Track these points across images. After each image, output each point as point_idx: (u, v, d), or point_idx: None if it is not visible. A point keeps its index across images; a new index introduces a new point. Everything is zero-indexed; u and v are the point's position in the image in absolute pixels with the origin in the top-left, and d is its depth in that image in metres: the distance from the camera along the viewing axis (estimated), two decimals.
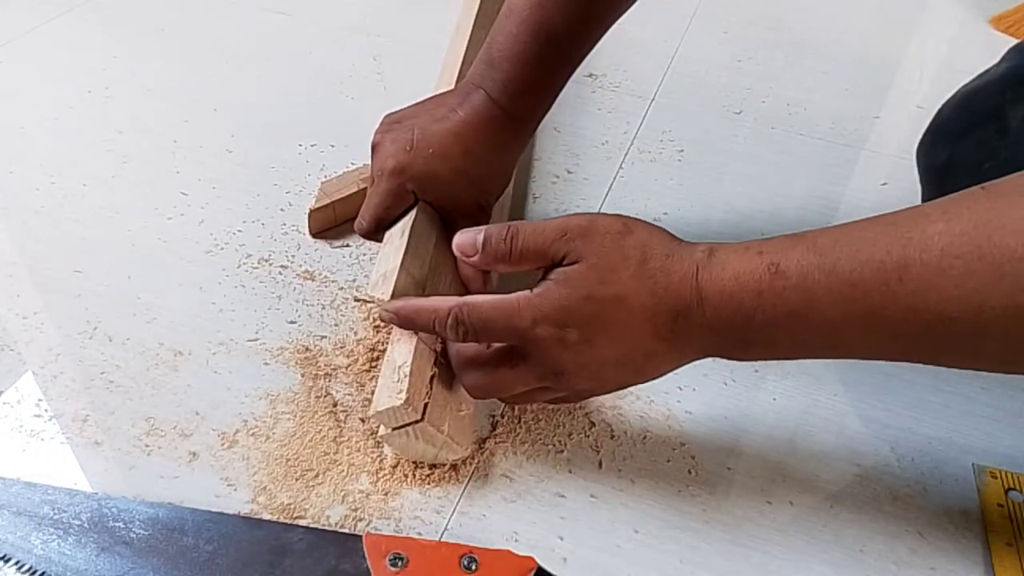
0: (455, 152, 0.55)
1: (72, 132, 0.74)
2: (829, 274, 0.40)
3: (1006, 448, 0.53)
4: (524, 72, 0.55)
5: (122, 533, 0.44)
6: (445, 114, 0.56)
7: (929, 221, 0.39)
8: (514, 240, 0.45)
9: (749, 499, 0.49)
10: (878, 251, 0.39)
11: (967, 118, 0.59)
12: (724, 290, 0.42)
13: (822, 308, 0.40)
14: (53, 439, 0.50)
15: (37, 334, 0.56)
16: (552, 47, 0.55)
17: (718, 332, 0.43)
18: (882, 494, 0.50)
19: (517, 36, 0.55)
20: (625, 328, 0.43)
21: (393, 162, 0.55)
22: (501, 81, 0.55)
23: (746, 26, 0.97)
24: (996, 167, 0.54)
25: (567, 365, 0.44)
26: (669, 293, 0.43)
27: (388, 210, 0.56)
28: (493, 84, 0.56)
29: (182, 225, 0.65)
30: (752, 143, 0.78)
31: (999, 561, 0.46)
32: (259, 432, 0.51)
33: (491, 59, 0.56)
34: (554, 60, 0.56)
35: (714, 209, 0.70)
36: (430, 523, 0.47)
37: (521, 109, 0.56)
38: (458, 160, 0.55)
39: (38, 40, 0.87)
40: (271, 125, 0.76)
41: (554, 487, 0.49)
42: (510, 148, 0.59)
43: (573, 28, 0.55)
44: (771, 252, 0.42)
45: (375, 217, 0.57)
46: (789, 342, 0.42)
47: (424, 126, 0.56)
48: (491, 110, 0.56)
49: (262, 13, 0.93)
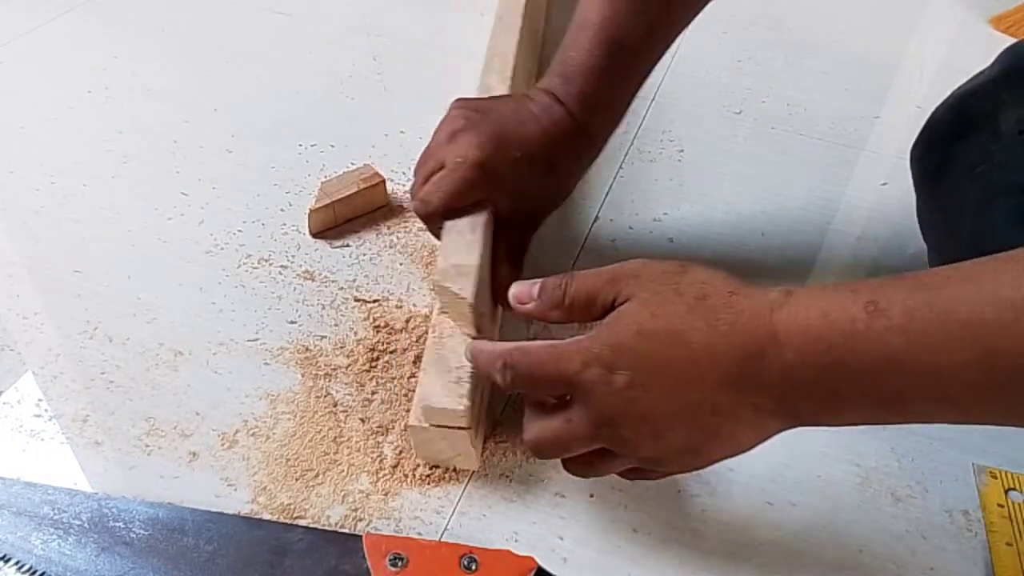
0: (540, 161, 0.54)
1: (72, 132, 0.74)
2: (942, 314, 0.35)
3: (1006, 448, 0.53)
4: (598, 86, 0.54)
5: (122, 533, 0.44)
6: (528, 119, 0.54)
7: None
8: (567, 286, 0.42)
9: (749, 499, 0.49)
10: (1002, 288, 0.34)
11: (960, 121, 0.58)
12: (810, 329, 0.36)
13: (932, 353, 0.35)
14: (53, 439, 0.50)
15: (37, 334, 0.56)
16: (624, 61, 0.55)
17: (801, 382, 0.37)
18: (882, 494, 0.50)
19: (590, 50, 0.54)
20: (682, 371, 0.38)
21: (478, 153, 0.52)
22: (576, 95, 0.54)
23: (746, 26, 0.97)
24: (989, 171, 0.54)
25: (618, 414, 0.39)
26: (736, 331, 0.37)
27: (460, 198, 0.53)
28: (569, 98, 0.55)
29: (182, 225, 0.65)
30: (752, 143, 0.78)
31: (999, 561, 0.46)
32: (259, 432, 0.51)
33: (564, 72, 0.55)
34: (626, 73, 0.56)
35: (714, 209, 0.70)
36: (430, 523, 0.47)
37: (596, 124, 0.56)
38: (541, 170, 0.54)
39: (38, 40, 0.87)
40: (271, 125, 0.76)
41: (554, 487, 0.49)
42: (582, 164, 0.58)
43: (644, 41, 0.55)
44: (868, 290, 0.37)
45: (447, 203, 0.53)
46: (888, 396, 0.36)
47: (510, 127, 0.54)
48: (570, 123, 0.55)
49: (262, 13, 0.93)
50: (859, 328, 0.36)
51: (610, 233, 0.67)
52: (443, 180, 0.52)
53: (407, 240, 0.65)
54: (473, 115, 0.55)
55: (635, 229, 0.67)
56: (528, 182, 0.54)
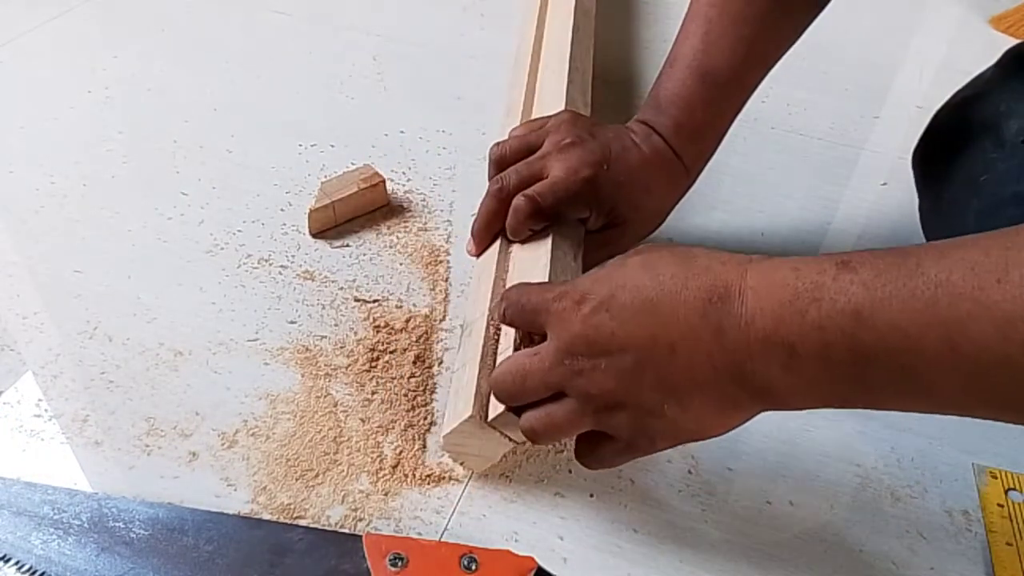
0: (639, 187, 0.55)
1: (72, 132, 0.74)
2: (908, 274, 0.33)
3: (1006, 448, 0.53)
4: (693, 117, 0.56)
5: (122, 533, 0.44)
6: (631, 145, 0.56)
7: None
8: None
9: (749, 499, 0.49)
10: (972, 252, 0.33)
11: (963, 127, 0.58)
12: (776, 277, 0.36)
13: (894, 310, 0.33)
14: (53, 439, 0.50)
15: (37, 334, 0.56)
16: (718, 91, 0.56)
17: (760, 332, 0.36)
18: (882, 494, 0.50)
19: (683, 81, 0.56)
20: (647, 299, 0.38)
21: (589, 171, 0.54)
22: (671, 127, 0.56)
23: None
24: (992, 180, 0.54)
25: (577, 338, 0.40)
26: (709, 272, 0.38)
27: (571, 208, 0.54)
28: (664, 129, 0.56)
29: (182, 225, 0.65)
30: (752, 143, 0.78)
31: (999, 561, 0.46)
32: (259, 432, 0.51)
33: (658, 104, 0.57)
34: (720, 104, 0.57)
35: (714, 209, 0.70)
36: (430, 523, 0.47)
37: (691, 154, 0.57)
38: (640, 196, 0.56)
39: (38, 40, 0.87)
40: (271, 125, 0.76)
41: (554, 487, 0.49)
42: (677, 192, 0.59)
43: (737, 71, 0.56)
44: (843, 254, 0.36)
45: (557, 207, 0.53)
46: (847, 355, 0.34)
47: (617, 151, 0.55)
48: (667, 152, 0.56)
49: (262, 13, 0.93)
50: (826, 280, 0.35)
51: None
52: (558, 185, 0.53)
53: (407, 240, 0.65)
54: (583, 133, 0.56)
55: None
56: (625, 206, 0.55)
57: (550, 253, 0.51)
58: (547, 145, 0.56)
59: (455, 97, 0.81)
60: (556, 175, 0.54)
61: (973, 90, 0.60)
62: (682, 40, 0.57)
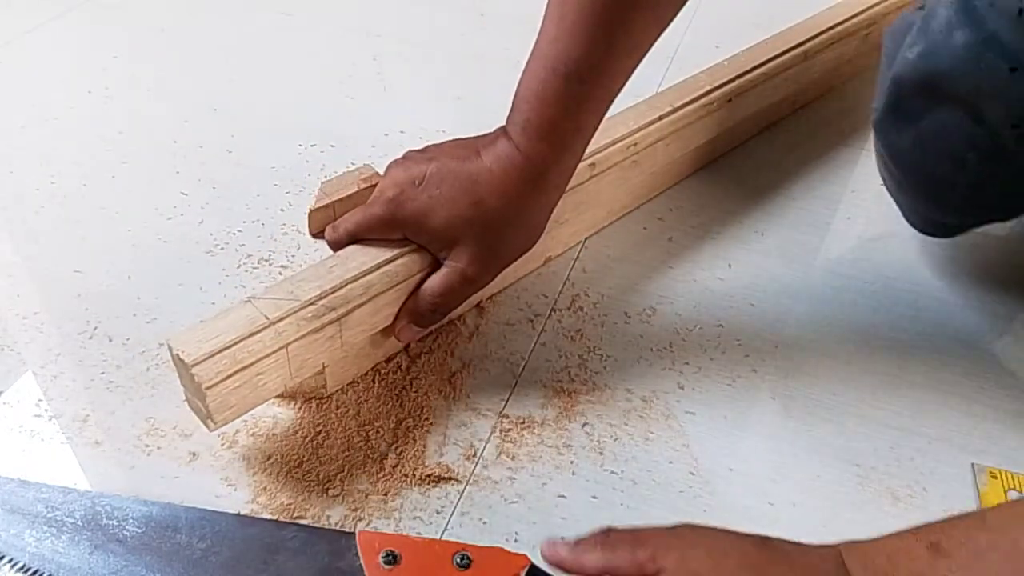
0: (463, 198, 0.51)
1: (72, 132, 0.74)
2: (1006, 554, 0.33)
3: (1006, 448, 0.53)
4: (544, 113, 0.50)
5: (115, 531, 0.44)
6: (467, 156, 0.52)
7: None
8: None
9: (750, 499, 0.49)
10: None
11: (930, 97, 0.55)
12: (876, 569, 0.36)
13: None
14: (53, 439, 0.50)
15: (37, 334, 0.56)
16: (575, 84, 0.49)
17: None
18: (882, 494, 0.50)
19: (535, 73, 0.50)
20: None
21: (394, 192, 0.52)
22: (520, 124, 0.51)
23: (746, 27, 0.97)
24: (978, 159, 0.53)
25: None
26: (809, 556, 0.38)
27: (367, 232, 0.52)
28: (514, 127, 0.51)
29: (182, 225, 0.65)
30: (752, 142, 0.78)
31: None
32: (259, 432, 0.51)
33: (514, 101, 0.52)
34: (578, 99, 0.50)
35: (714, 209, 0.70)
36: (430, 523, 0.47)
37: (543, 154, 0.51)
38: (464, 208, 0.51)
39: (38, 40, 0.87)
40: (271, 125, 0.76)
41: (555, 488, 0.49)
42: (532, 200, 0.52)
43: (598, 63, 0.49)
44: (929, 531, 0.36)
45: (351, 234, 0.53)
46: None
47: (443, 164, 0.52)
48: (513, 158, 0.51)
49: (262, 13, 0.93)
50: (923, 570, 0.35)
51: (609, 232, 0.67)
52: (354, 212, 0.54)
53: None
54: (412, 154, 0.55)
55: (635, 228, 0.67)
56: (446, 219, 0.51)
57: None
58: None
59: (455, 97, 0.81)
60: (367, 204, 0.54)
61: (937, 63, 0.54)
62: (539, 36, 0.51)
